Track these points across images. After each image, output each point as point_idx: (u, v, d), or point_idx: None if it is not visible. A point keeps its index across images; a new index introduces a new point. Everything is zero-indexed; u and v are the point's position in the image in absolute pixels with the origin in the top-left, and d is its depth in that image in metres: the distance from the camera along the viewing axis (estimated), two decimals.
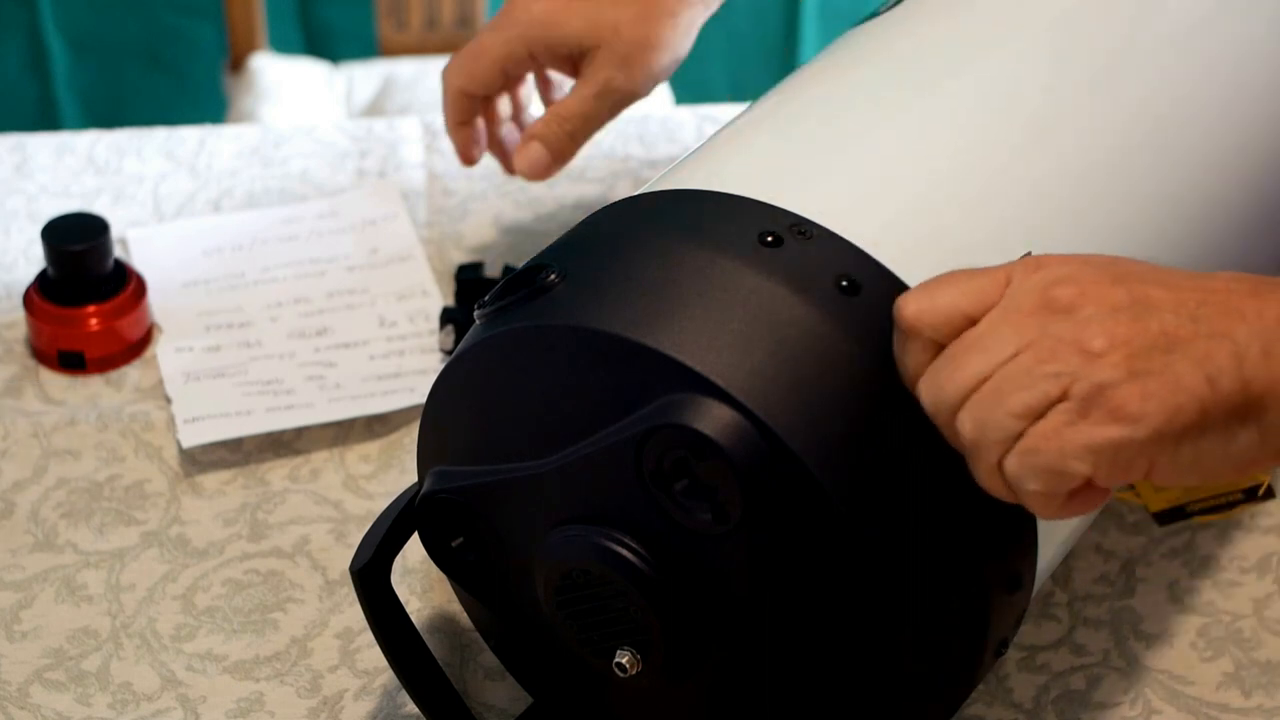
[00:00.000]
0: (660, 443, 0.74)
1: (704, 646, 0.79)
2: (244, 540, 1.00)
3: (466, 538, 0.83)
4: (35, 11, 2.19)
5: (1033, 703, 0.92)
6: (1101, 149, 0.86)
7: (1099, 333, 0.70)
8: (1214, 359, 0.70)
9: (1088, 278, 0.71)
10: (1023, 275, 0.73)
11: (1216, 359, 0.70)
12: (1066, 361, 0.70)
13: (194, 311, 1.11)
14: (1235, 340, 0.70)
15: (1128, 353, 0.69)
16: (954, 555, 0.76)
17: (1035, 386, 0.70)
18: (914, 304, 0.73)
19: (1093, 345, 0.70)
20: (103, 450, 1.04)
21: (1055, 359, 0.70)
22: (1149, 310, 0.70)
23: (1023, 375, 0.70)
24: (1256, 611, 0.96)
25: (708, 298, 0.75)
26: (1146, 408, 0.69)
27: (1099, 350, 0.70)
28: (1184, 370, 0.69)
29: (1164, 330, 0.70)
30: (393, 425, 1.06)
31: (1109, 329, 0.70)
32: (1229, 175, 0.90)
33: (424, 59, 1.89)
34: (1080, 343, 0.70)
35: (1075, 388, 0.69)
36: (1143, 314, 0.70)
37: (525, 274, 0.80)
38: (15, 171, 1.22)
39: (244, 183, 1.22)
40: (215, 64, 2.05)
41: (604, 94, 1.05)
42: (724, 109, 1.28)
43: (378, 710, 0.92)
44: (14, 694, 0.92)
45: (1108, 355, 0.69)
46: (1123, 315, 0.70)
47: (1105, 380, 0.69)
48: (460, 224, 1.19)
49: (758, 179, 0.81)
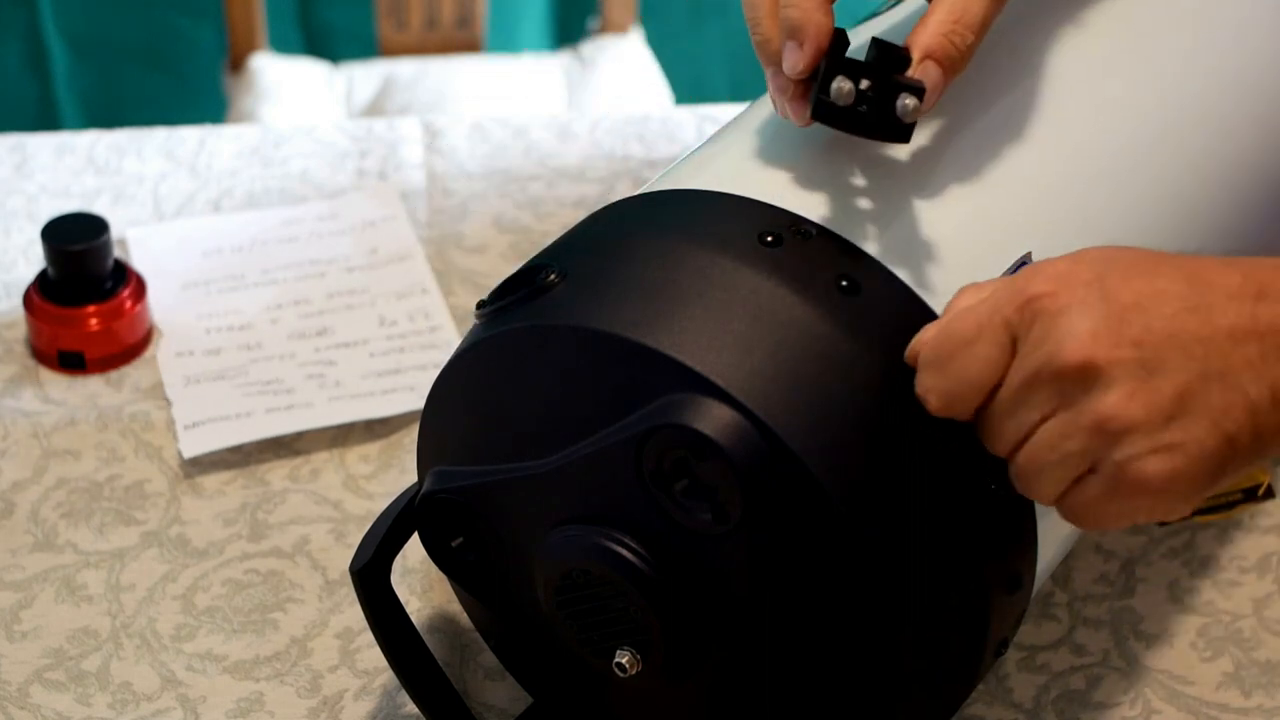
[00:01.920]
0: (660, 443, 0.74)
1: (704, 646, 0.79)
2: (244, 540, 1.00)
3: (466, 538, 0.83)
4: (35, 12, 2.18)
5: (1033, 703, 0.92)
6: (1102, 146, 0.86)
7: (1116, 413, 0.70)
8: (1231, 415, 0.71)
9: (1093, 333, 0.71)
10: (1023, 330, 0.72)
11: (1233, 415, 0.71)
12: (1088, 440, 0.71)
13: (194, 314, 1.11)
14: (1247, 393, 0.71)
15: (1147, 430, 0.70)
16: (954, 555, 0.76)
17: (1065, 464, 0.72)
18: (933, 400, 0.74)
19: (1110, 426, 0.71)
20: (103, 450, 1.04)
21: (1078, 435, 0.71)
22: (1159, 372, 0.70)
23: (1050, 452, 0.72)
24: (1256, 611, 0.96)
25: (708, 298, 0.75)
26: (1174, 480, 0.71)
27: (1117, 431, 0.71)
28: (1204, 435, 0.71)
29: (1176, 393, 0.70)
30: (393, 425, 1.06)
31: (1125, 407, 0.70)
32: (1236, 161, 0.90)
33: (424, 59, 1.89)
34: (1099, 424, 0.71)
35: (1102, 467, 0.71)
36: (1152, 376, 0.70)
37: (525, 274, 0.80)
38: (15, 171, 1.22)
39: (244, 183, 1.22)
40: (215, 64, 2.05)
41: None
42: (724, 109, 1.28)
43: (378, 710, 0.92)
44: (14, 694, 0.92)
45: (1129, 435, 0.71)
46: (1134, 383, 0.70)
47: (1128, 457, 0.71)
48: (460, 224, 1.19)
49: (758, 179, 0.81)
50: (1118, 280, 0.72)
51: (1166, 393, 0.70)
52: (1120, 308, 0.71)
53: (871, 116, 0.78)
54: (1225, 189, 0.89)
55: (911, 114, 0.77)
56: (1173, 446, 0.70)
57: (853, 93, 0.77)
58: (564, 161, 1.24)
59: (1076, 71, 0.87)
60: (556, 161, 1.24)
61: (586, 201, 1.20)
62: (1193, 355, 0.71)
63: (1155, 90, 0.89)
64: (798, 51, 0.78)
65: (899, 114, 0.77)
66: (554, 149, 1.25)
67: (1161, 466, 0.70)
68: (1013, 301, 0.72)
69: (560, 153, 1.24)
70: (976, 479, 0.75)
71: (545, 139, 1.25)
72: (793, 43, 0.79)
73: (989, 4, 0.80)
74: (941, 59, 0.79)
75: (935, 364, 0.73)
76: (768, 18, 0.80)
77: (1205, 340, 0.71)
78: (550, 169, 1.23)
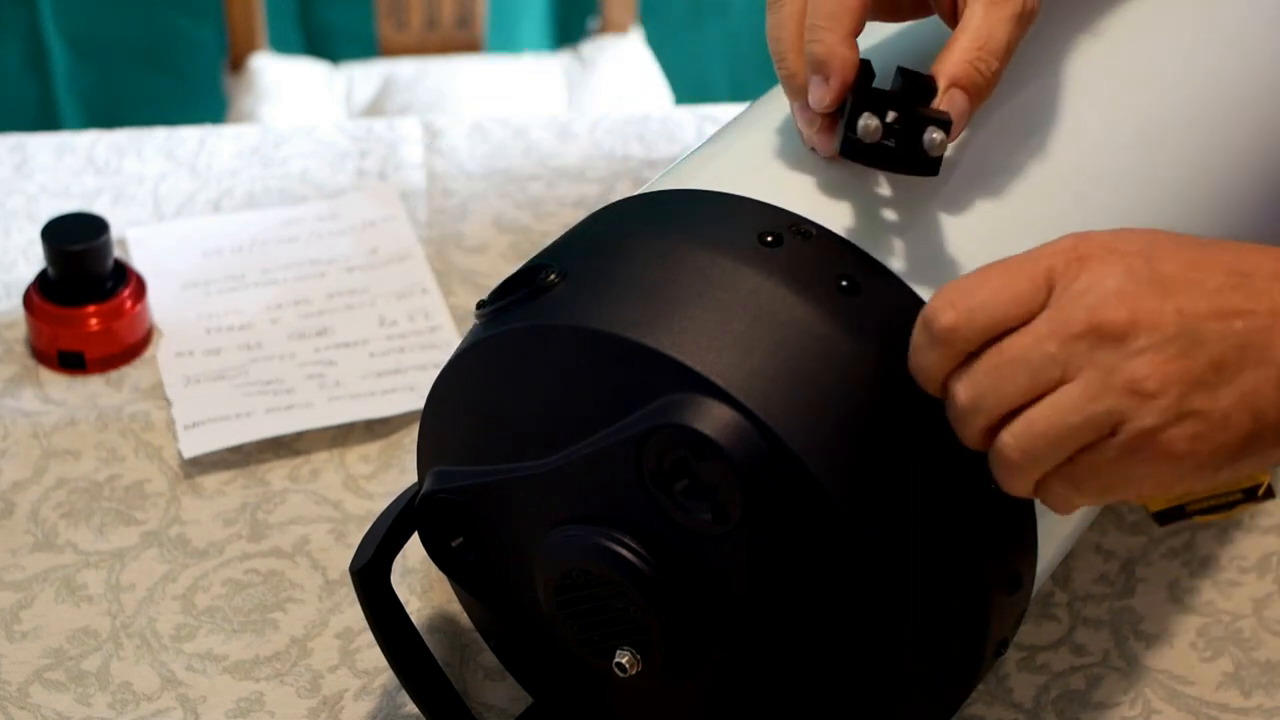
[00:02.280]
0: (660, 443, 0.74)
1: (704, 646, 0.79)
2: (244, 540, 1.00)
3: (466, 538, 0.83)
4: (35, 12, 2.19)
5: (1033, 703, 0.92)
6: (1105, 145, 0.86)
7: (1150, 373, 0.70)
8: (1261, 392, 0.70)
9: (1137, 295, 0.70)
10: (1066, 280, 0.71)
11: (1264, 392, 0.70)
12: (1117, 400, 0.70)
13: (194, 314, 1.11)
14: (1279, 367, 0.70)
15: (1178, 394, 0.70)
16: (954, 555, 0.76)
17: (1085, 424, 0.70)
18: (949, 313, 0.72)
19: (1145, 387, 0.70)
20: (103, 450, 1.04)
21: (1106, 396, 0.70)
22: (1198, 342, 0.70)
23: (1071, 408, 0.70)
24: (1256, 611, 0.96)
25: (708, 298, 0.75)
26: (1194, 447, 0.70)
27: (1150, 392, 0.70)
28: (1231, 407, 0.70)
29: (1212, 363, 0.70)
30: (393, 425, 1.06)
31: (1160, 369, 0.70)
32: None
33: (424, 59, 1.89)
34: (1132, 384, 0.70)
35: (1125, 428, 0.70)
36: (1192, 347, 0.70)
37: (525, 274, 0.80)
38: (15, 171, 1.22)
39: (244, 183, 1.22)
40: (215, 64, 2.05)
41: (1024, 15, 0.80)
42: (724, 109, 1.28)
43: (378, 710, 0.92)
44: (14, 694, 0.92)
45: (1158, 398, 0.70)
46: (1173, 349, 0.70)
47: (1154, 424, 0.70)
48: (460, 224, 1.19)
49: (758, 179, 0.81)
50: (1164, 254, 0.72)
51: (1202, 362, 0.70)
52: (1166, 276, 0.71)
53: (899, 151, 0.77)
54: (1250, 194, 0.90)
55: (938, 148, 0.77)
56: (1199, 413, 0.70)
57: (879, 129, 0.77)
58: (564, 161, 1.24)
59: (1080, 73, 0.87)
60: (556, 161, 1.24)
61: (586, 201, 1.20)
62: (1232, 330, 0.70)
63: (1165, 94, 0.89)
64: (823, 86, 0.78)
65: (926, 148, 0.77)
66: (554, 149, 1.25)
67: (1186, 433, 0.70)
68: (1061, 253, 0.72)
69: (560, 153, 1.24)
70: (977, 479, 0.75)
71: (545, 139, 1.25)
72: (818, 77, 0.78)
73: (1013, 29, 0.79)
74: (968, 86, 0.78)
75: (967, 287, 0.72)
76: (793, 51, 0.80)
77: (1246, 315, 0.70)
78: (550, 169, 1.23)
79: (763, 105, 0.90)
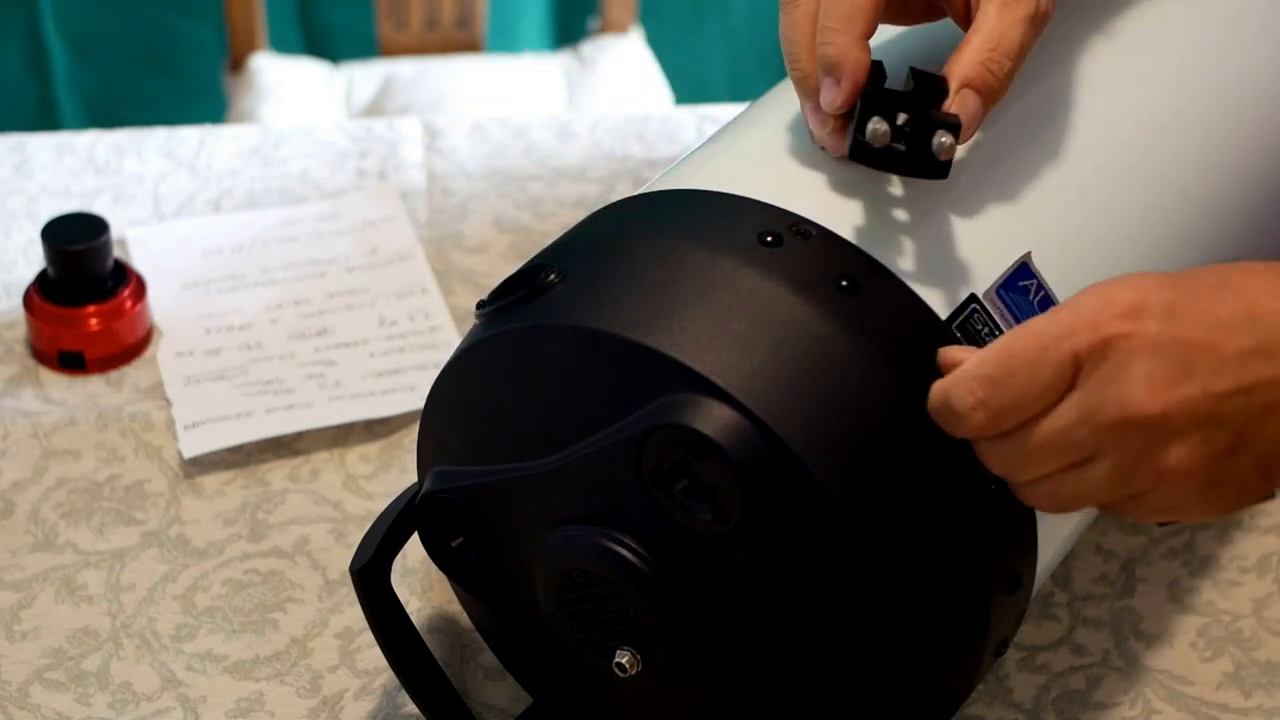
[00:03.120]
0: (660, 443, 0.74)
1: (704, 646, 0.79)
2: (244, 540, 1.00)
3: (466, 538, 0.83)
4: (35, 12, 2.18)
5: (1033, 703, 0.92)
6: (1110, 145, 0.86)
7: (1179, 463, 0.72)
8: (1275, 456, 0.72)
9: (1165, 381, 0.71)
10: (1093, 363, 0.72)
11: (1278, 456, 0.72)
12: (1144, 482, 0.73)
13: (194, 314, 1.11)
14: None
15: (1203, 475, 0.72)
16: (954, 555, 0.76)
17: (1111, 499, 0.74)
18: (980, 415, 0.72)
19: (1170, 477, 0.72)
20: (103, 450, 1.04)
21: (1135, 480, 0.73)
22: (1223, 423, 0.72)
23: (1100, 488, 0.73)
24: (1256, 611, 0.96)
25: (708, 298, 0.75)
26: (1209, 508, 0.74)
27: (1176, 480, 0.72)
28: (1247, 473, 0.73)
29: (1235, 437, 0.72)
30: (393, 425, 1.06)
31: (1189, 455, 0.72)
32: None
33: (424, 59, 1.89)
34: (1159, 471, 0.72)
35: (1147, 498, 0.73)
36: (1217, 430, 0.72)
37: (525, 274, 0.80)
38: (15, 171, 1.22)
39: (244, 183, 1.22)
40: (215, 64, 2.05)
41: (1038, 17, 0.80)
42: (724, 109, 1.28)
43: (378, 710, 0.92)
44: (14, 694, 0.92)
45: (1184, 483, 0.72)
46: (1200, 434, 0.71)
47: (1177, 502, 0.73)
48: (460, 224, 1.19)
49: (758, 179, 0.81)
50: (1184, 315, 0.72)
51: (1226, 440, 0.72)
52: (1189, 348, 0.71)
53: (908, 155, 0.77)
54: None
55: (947, 152, 0.77)
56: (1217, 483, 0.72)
57: (888, 134, 0.77)
58: (564, 161, 1.24)
59: (1092, 75, 0.87)
60: (556, 161, 1.24)
61: (586, 201, 1.20)
62: (1254, 404, 0.72)
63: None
64: (835, 88, 0.78)
65: (935, 152, 0.77)
66: (554, 149, 1.25)
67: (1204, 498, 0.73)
68: (1086, 334, 0.72)
69: (560, 153, 1.24)
70: (977, 479, 0.75)
71: (545, 139, 1.25)
72: (830, 79, 0.78)
73: (1026, 30, 0.79)
74: (980, 87, 0.78)
75: (995, 380, 0.72)
76: (805, 53, 0.80)
77: (1266, 386, 0.72)
78: (550, 169, 1.23)
79: (763, 105, 0.90)
